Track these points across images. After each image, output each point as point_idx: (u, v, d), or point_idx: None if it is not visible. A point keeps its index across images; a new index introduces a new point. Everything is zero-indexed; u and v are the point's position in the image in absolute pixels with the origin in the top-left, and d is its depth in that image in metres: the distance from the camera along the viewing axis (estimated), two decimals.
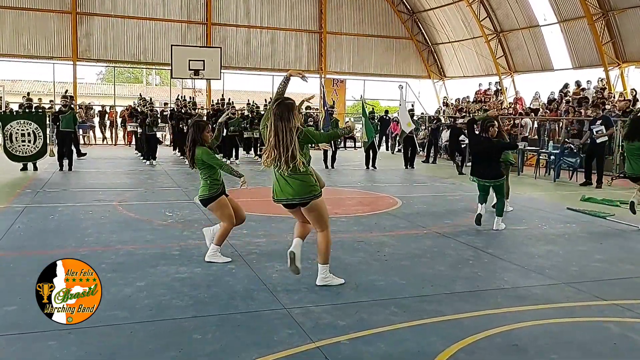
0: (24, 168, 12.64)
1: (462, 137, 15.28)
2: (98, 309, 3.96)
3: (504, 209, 7.45)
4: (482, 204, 7.28)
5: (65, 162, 12.80)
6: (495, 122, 7.30)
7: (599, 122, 12.19)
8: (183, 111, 17.80)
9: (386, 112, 23.51)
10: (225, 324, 3.81)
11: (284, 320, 3.89)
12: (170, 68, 21.19)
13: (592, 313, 4.28)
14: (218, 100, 22.86)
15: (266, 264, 5.30)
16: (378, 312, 4.11)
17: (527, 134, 18.43)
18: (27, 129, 12.63)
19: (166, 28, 24.29)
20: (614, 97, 17.39)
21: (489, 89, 23.95)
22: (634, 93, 16.53)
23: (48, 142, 13.32)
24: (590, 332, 3.89)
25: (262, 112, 20.07)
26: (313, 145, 6.06)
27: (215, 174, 5.38)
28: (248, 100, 25.19)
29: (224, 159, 15.86)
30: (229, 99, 23.09)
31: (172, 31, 24.32)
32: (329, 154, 15.04)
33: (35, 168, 12.76)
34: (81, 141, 21.39)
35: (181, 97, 23.45)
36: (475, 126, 7.62)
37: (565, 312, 4.27)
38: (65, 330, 3.21)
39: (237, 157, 15.80)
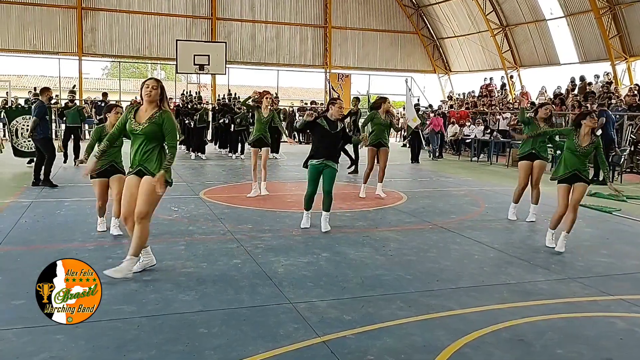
0: (31, 162, 12.67)
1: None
2: (105, 303, 4.01)
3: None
4: None
5: (71, 156, 12.84)
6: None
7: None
8: (189, 106, 17.81)
9: None
10: (231, 318, 3.82)
11: (290, 315, 3.90)
12: (175, 63, 21.24)
13: (599, 308, 4.27)
14: (223, 95, 22.87)
15: (272, 258, 5.31)
16: (384, 306, 4.11)
17: None
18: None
19: (171, 23, 24.30)
20: (621, 91, 17.29)
21: (490, 83, 23.84)
22: (638, 88, 16.43)
23: (54, 137, 13.36)
24: (596, 327, 3.88)
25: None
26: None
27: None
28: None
29: (230, 153, 15.89)
30: (235, 94, 23.11)
31: (177, 26, 24.33)
32: None
33: None
34: (87, 136, 21.50)
35: (186, 92, 23.48)
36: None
37: (572, 307, 4.27)
38: (73, 324, 3.23)
39: (242, 152, 15.81)
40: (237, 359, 3.21)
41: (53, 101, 20.26)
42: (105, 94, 20.53)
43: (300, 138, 23.51)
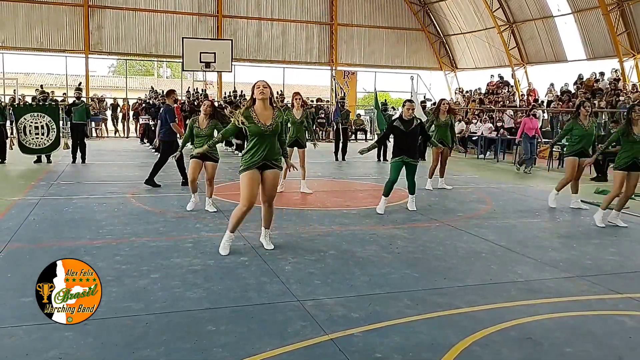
0: (38, 160, 12.76)
1: None
2: (114, 300, 4.03)
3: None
4: None
5: (79, 154, 12.90)
6: None
7: None
8: (195, 104, 17.85)
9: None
10: (238, 316, 3.83)
11: (297, 313, 3.91)
12: (181, 61, 21.25)
13: (607, 306, 4.25)
14: (229, 92, 22.89)
15: (279, 256, 5.31)
16: (391, 304, 4.11)
17: (540, 126, 18.31)
18: (40, 122, 12.73)
19: (177, 21, 24.34)
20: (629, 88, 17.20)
21: (494, 80, 23.76)
22: None
23: (61, 134, 13.43)
24: (604, 326, 3.87)
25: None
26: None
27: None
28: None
29: (237, 151, 15.90)
30: (241, 91, 23.13)
31: (183, 24, 24.38)
32: (340, 146, 15.03)
33: (49, 160, 12.88)
34: (94, 134, 21.60)
35: (192, 89, 23.51)
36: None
37: (580, 306, 4.25)
38: (82, 322, 3.24)
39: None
40: (244, 357, 3.22)
41: (60, 99, 20.43)
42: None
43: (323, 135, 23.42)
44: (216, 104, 18.86)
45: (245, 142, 5.30)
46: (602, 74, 18.96)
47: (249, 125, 5.08)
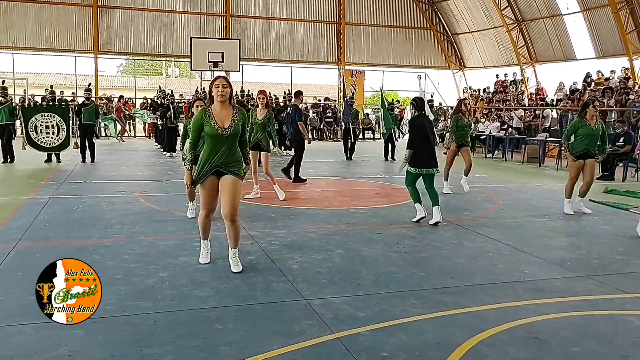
0: (49, 160, 12.88)
1: None
2: (123, 298, 4.07)
3: None
4: None
5: (88, 154, 12.99)
6: None
7: None
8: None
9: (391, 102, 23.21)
10: (245, 314, 3.86)
11: (304, 311, 3.93)
12: (189, 60, 21.31)
13: (614, 306, 4.24)
14: (237, 91, 22.94)
15: (286, 255, 5.34)
16: (398, 303, 4.12)
17: (548, 125, 18.22)
18: (51, 121, 12.85)
19: (185, 20, 24.42)
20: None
21: (505, 80, 23.66)
22: None
23: (71, 134, 13.54)
24: (612, 325, 3.85)
25: (282, 105, 20.10)
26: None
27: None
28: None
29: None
30: (248, 90, 23.18)
31: (191, 23, 24.45)
32: (348, 145, 15.05)
33: (59, 160, 12.98)
34: (103, 133, 21.71)
35: (200, 89, 23.58)
36: None
37: (587, 305, 4.24)
38: (90, 320, 3.27)
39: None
40: (251, 355, 3.24)
41: (70, 99, 20.56)
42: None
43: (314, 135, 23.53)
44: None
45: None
46: (612, 71, 18.83)
47: (205, 125, 4.61)
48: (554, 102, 19.65)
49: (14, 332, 3.48)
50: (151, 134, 20.76)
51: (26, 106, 14.60)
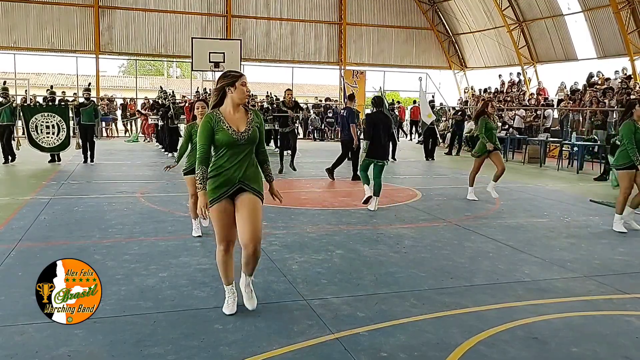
0: (52, 160, 12.92)
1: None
2: (123, 299, 4.07)
3: None
4: None
5: (88, 154, 13.01)
6: None
7: None
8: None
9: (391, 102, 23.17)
10: (245, 314, 3.86)
11: (304, 312, 3.93)
12: (190, 60, 21.33)
13: (614, 306, 4.24)
14: None
15: (286, 255, 5.34)
16: (397, 304, 4.12)
17: (549, 125, 18.21)
18: (51, 121, 12.89)
19: (187, 21, 24.44)
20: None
21: (512, 80, 23.64)
22: None
23: (72, 134, 13.56)
24: (612, 326, 3.85)
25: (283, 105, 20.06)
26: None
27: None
28: (267, 92, 25.27)
29: None
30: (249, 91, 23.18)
31: (193, 24, 24.46)
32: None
33: (59, 159, 13.01)
34: (104, 133, 21.76)
35: (201, 89, 23.60)
36: None
37: (587, 305, 4.24)
38: (91, 320, 3.29)
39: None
40: (251, 355, 3.24)
41: (71, 99, 20.61)
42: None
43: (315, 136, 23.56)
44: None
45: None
46: (616, 72, 18.80)
47: (217, 132, 3.69)
48: (554, 103, 19.62)
49: (15, 332, 3.49)
50: (151, 135, 20.76)
51: (26, 106, 14.62)
